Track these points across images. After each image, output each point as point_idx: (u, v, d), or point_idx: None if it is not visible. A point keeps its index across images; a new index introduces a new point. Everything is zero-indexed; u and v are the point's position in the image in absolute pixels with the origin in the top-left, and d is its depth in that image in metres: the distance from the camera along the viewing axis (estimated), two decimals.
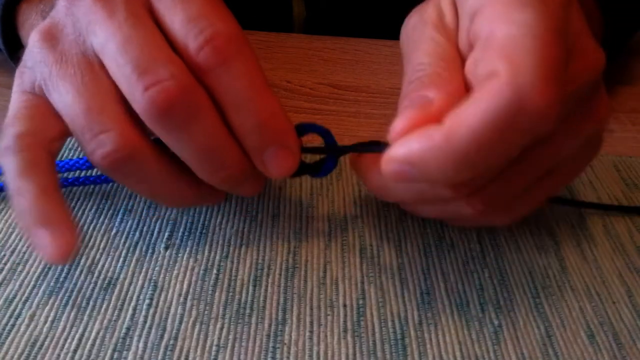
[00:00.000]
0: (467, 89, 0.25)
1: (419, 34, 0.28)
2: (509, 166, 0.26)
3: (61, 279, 0.29)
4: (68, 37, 0.27)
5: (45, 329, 0.27)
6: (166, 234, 0.32)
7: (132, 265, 0.30)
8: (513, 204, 0.29)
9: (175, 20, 0.26)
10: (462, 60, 0.26)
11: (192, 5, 0.26)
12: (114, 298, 0.28)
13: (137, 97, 0.25)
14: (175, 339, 0.27)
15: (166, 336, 0.27)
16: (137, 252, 0.30)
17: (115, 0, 0.26)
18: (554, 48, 0.22)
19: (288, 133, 0.28)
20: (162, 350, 0.26)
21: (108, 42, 0.26)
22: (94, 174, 0.33)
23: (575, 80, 0.25)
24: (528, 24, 0.22)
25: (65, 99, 0.27)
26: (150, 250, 0.31)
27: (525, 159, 0.26)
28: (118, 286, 0.29)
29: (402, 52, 0.29)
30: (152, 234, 0.31)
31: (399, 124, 0.24)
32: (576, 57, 0.25)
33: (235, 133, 0.27)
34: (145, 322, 0.27)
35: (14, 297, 0.28)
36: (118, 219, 0.32)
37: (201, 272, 0.30)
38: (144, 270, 0.30)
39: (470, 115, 0.22)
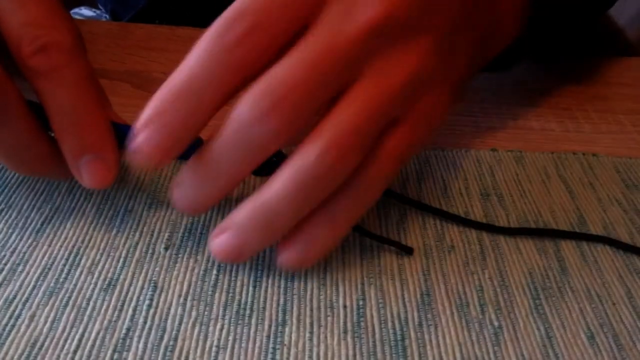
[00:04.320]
0: None
1: None
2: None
3: (61, 280, 0.29)
4: None
5: (45, 330, 0.27)
6: (166, 234, 0.32)
7: (132, 265, 0.30)
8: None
9: (13, 20, 0.27)
10: None
11: (31, 9, 0.27)
12: (114, 299, 0.28)
13: None
14: (175, 339, 0.27)
15: (166, 337, 0.27)
16: (137, 252, 0.30)
17: None
18: None
19: (106, 146, 0.29)
20: (162, 351, 0.26)
21: None
22: None
23: None
24: None
25: None
26: (150, 251, 0.31)
27: (340, 101, 0.26)
28: (118, 287, 0.29)
29: None
30: (152, 235, 0.31)
31: None
32: None
33: (55, 136, 0.28)
34: (145, 322, 0.27)
35: (14, 298, 0.28)
36: (118, 220, 0.32)
37: (201, 272, 0.30)
38: (144, 271, 0.30)
39: None
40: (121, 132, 0.30)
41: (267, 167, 0.27)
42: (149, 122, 0.26)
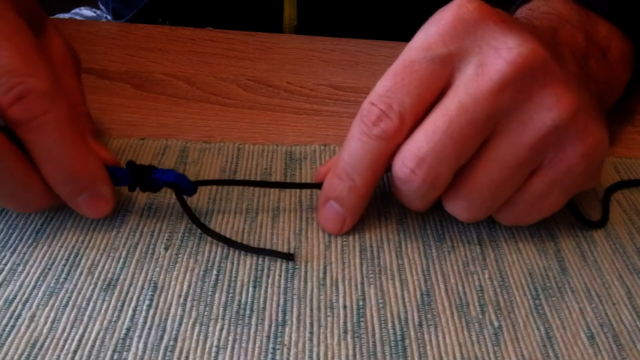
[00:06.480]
0: None
1: None
2: (471, 160, 0.29)
3: (61, 280, 0.29)
4: None
5: (45, 330, 0.27)
6: (166, 234, 0.32)
7: (132, 266, 0.30)
8: (505, 207, 0.30)
9: None
10: None
11: (4, 56, 0.27)
12: (114, 299, 0.28)
13: None
14: (175, 339, 0.27)
15: (166, 337, 0.27)
16: (137, 253, 0.30)
17: None
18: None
19: (99, 181, 0.30)
20: (162, 351, 0.26)
21: None
22: None
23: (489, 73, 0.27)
24: None
25: None
26: (150, 251, 0.31)
27: (483, 152, 0.29)
28: (118, 287, 0.29)
29: None
30: (152, 235, 0.31)
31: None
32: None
33: (47, 181, 0.29)
34: (145, 323, 0.27)
35: (14, 298, 0.28)
36: (118, 220, 0.32)
37: (201, 273, 0.30)
38: (144, 271, 0.30)
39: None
40: (110, 173, 0.30)
41: (153, 186, 0.31)
42: (325, 201, 0.32)
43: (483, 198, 0.29)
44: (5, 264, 0.29)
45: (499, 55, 0.27)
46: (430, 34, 0.28)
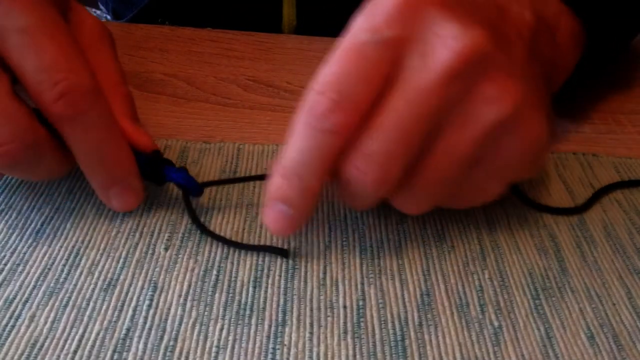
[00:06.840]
0: None
1: None
2: (417, 159, 0.27)
3: (61, 280, 0.29)
4: None
5: (45, 330, 0.27)
6: (166, 235, 0.32)
7: (132, 266, 0.30)
8: (454, 196, 0.30)
9: (29, 65, 0.27)
10: None
11: (46, 52, 0.27)
12: (114, 299, 0.28)
13: None
14: (175, 340, 0.27)
15: (166, 337, 0.27)
16: (137, 253, 0.30)
17: None
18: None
19: (132, 175, 0.31)
20: (162, 351, 0.26)
21: None
22: None
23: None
24: None
25: None
26: (150, 251, 0.31)
27: (431, 149, 0.27)
28: (118, 287, 0.29)
29: None
30: (152, 235, 0.31)
31: None
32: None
33: (83, 170, 0.30)
34: (145, 323, 0.27)
35: (14, 298, 0.28)
36: (118, 220, 0.32)
37: (201, 273, 0.30)
38: (144, 271, 0.30)
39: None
40: (139, 159, 0.31)
41: (159, 178, 0.32)
42: (272, 203, 0.28)
43: (431, 193, 0.29)
44: (5, 264, 0.29)
45: (443, 45, 0.26)
46: (375, 15, 0.27)
